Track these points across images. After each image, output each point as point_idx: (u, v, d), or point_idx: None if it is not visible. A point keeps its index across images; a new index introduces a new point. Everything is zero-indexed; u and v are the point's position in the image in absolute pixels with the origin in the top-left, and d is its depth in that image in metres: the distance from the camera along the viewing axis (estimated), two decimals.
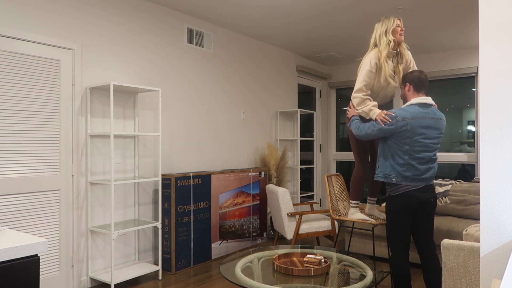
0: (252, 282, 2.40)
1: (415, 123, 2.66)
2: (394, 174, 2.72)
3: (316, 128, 6.80)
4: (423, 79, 2.76)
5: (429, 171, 2.72)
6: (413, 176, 2.69)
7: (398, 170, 2.71)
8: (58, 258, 3.21)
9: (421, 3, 3.94)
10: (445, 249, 1.96)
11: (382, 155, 2.80)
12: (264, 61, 5.48)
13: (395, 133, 2.69)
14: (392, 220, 2.78)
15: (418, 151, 2.68)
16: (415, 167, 2.68)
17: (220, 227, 4.33)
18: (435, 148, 2.73)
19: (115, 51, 3.65)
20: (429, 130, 2.69)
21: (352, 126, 2.92)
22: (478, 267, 1.88)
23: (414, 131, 2.66)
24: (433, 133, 2.70)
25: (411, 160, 2.68)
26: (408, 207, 2.72)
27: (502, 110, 1.41)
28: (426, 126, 2.67)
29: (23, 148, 3.00)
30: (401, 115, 2.68)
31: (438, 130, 2.72)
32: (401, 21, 2.92)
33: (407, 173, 2.69)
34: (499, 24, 1.43)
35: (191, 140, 4.39)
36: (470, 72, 5.69)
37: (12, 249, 1.39)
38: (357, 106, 2.89)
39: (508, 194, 1.40)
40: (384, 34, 2.89)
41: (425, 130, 2.67)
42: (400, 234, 2.76)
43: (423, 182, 2.70)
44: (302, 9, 4.13)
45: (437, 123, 2.71)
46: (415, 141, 2.67)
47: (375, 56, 2.86)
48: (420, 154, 2.68)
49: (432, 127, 2.69)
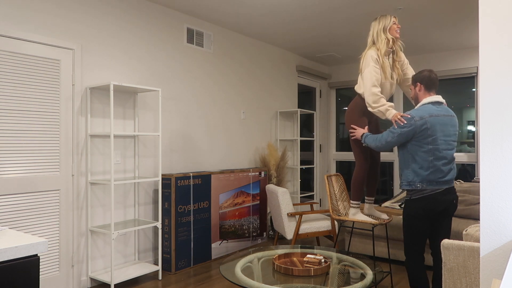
0: (252, 282, 2.40)
1: (433, 121, 2.61)
2: (418, 180, 2.63)
3: (316, 128, 6.80)
4: (433, 78, 2.73)
5: (450, 172, 2.66)
6: (437, 179, 2.62)
7: (422, 175, 2.62)
8: (58, 258, 3.21)
9: (421, 3, 3.94)
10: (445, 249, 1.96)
11: (403, 163, 2.73)
12: (264, 61, 5.48)
13: (415, 134, 2.62)
14: (410, 223, 2.70)
15: (441, 150, 2.62)
16: (440, 170, 2.62)
17: (220, 227, 4.33)
18: (454, 146, 2.70)
19: (115, 51, 3.65)
20: (446, 128, 2.65)
21: (369, 141, 2.87)
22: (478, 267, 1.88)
23: (434, 129, 2.61)
24: (449, 130, 2.66)
25: (436, 161, 2.61)
26: (431, 211, 2.64)
27: (502, 110, 1.41)
28: (443, 123, 2.64)
29: (23, 148, 3.00)
30: (418, 114, 2.63)
31: (454, 127, 2.69)
32: (396, 18, 2.97)
33: (432, 177, 2.61)
34: (499, 24, 1.42)
35: (191, 140, 4.39)
36: (470, 72, 5.69)
37: (12, 249, 1.39)
38: (373, 104, 2.85)
39: (508, 194, 1.40)
40: (382, 31, 2.94)
41: (444, 128, 2.63)
42: (416, 238, 2.70)
43: (446, 185, 2.64)
44: (302, 8, 4.13)
45: (451, 120, 2.69)
46: (436, 139, 2.61)
47: (375, 53, 2.90)
48: (443, 152, 2.63)
49: (448, 124, 2.66)
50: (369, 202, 3.31)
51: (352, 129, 3.06)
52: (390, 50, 2.97)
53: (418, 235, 2.69)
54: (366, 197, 3.33)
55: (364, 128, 3.03)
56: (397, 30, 2.95)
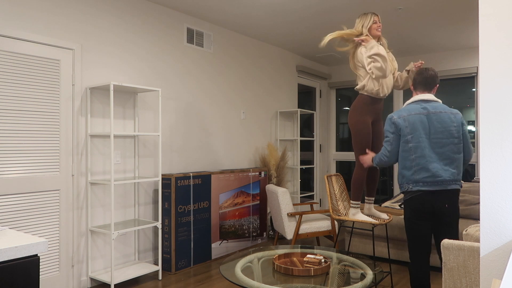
0: (252, 282, 2.40)
1: (412, 119, 2.62)
2: (404, 181, 2.65)
3: (316, 128, 6.80)
4: (424, 76, 2.71)
5: (444, 173, 2.56)
6: (424, 178, 2.57)
7: (406, 176, 2.64)
8: (58, 258, 3.21)
9: (421, 3, 3.94)
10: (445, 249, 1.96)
11: (398, 168, 2.77)
12: (264, 61, 5.48)
13: (400, 132, 2.66)
14: (407, 225, 2.74)
15: (427, 148, 2.58)
16: (426, 169, 2.57)
17: (220, 227, 4.33)
18: (450, 143, 2.59)
19: (115, 51, 3.65)
20: (432, 124, 2.59)
21: (378, 160, 2.86)
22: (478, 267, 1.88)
23: (414, 127, 2.60)
24: (437, 127, 2.59)
25: (420, 159, 2.58)
26: (421, 212, 2.62)
27: (502, 110, 1.41)
28: (428, 120, 2.60)
29: (23, 148, 3.00)
30: (397, 113, 2.69)
31: (443, 123, 2.59)
32: (378, 17, 3.12)
33: (416, 177, 2.59)
34: (499, 24, 1.42)
35: (191, 140, 4.39)
36: (470, 72, 5.69)
37: (12, 249, 1.39)
38: (377, 69, 2.94)
39: (508, 194, 1.40)
40: (361, 28, 3.11)
41: (429, 125, 2.59)
42: (415, 240, 2.70)
43: (437, 186, 2.57)
44: (302, 8, 4.13)
45: (440, 116, 2.61)
46: (417, 137, 2.59)
47: (364, 49, 3.05)
48: (432, 151, 2.58)
49: (435, 121, 2.60)
50: (369, 202, 3.31)
51: (361, 161, 3.09)
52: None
53: (415, 237, 2.70)
54: (366, 197, 3.33)
55: (367, 153, 3.07)
56: (378, 29, 3.08)
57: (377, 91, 3.06)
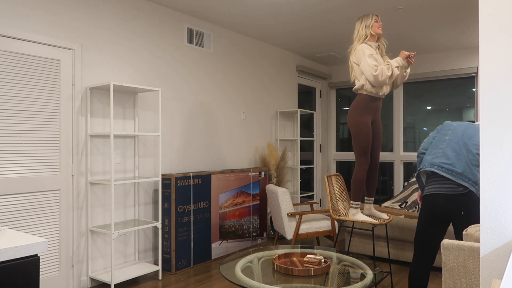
0: (252, 282, 2.40)
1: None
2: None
3: (316, 128, 6.80)
4: None
5: (470, 171, 2.57)
6: (441, 163, 2.62)
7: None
8: (58, 258, 3.21)
9: (421, 3, 3.94)
10: (445, 249, 1.96)
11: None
12: (264, 61, 5.48)
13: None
14: (417, 224, 2.79)
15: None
16: (446, 155, 2.64)
17: (220, 227, 4.33)
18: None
19: (115, 51, 3.65)
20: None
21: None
22: (478, 267, 1.88)
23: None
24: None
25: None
26: (430, 211, 2.69)
27: (502, 110, 1.41)
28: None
29: (23, 148, 3.00)
30: None
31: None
32: (378, 17, 3.18)
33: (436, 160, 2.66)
34: (499, 24, 1.42)
35: (191, 140, 4.39)
36: (470, 72, 5.69)
37: (12, 249, 1.39)
38: (383, 77, 2.95)
39: (508, 194, 1.40)
40: (364, 29, 3.14)
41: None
42: (419, 241, 2.75)
43: (450, 185, 2.61)
44: (302, 8, 4.13)
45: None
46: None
47: (365, 46, 3.06)
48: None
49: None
50: (369, 202, 3.31)
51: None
52: (375, 44, 3.15)
53: (420, 239, 2.80)
54: (366, 197, 3.33)
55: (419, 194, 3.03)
56: (380, 27, 3.14)
57: (376, 90, 3.06)
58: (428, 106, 6.16)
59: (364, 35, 3.13)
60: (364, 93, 3.09)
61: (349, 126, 3.16)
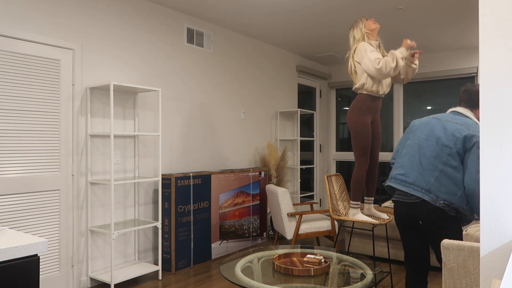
0: (252, 282, 2.40)
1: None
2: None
3: (316, 128, 6.80)
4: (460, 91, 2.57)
5: (422, 179, 2.36)
6: (396, 175, 2.48)
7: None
8: (58, 258, 3.21)
9: (421, 3, 3.94)
10: (445, 249, 1.96)
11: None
12: (264, 61, 5.48)
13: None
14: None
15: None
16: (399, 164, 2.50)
17: (220, 227, 4.33)
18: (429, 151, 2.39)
19: (115, 51, 3.65)
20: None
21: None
22: (478, 267, 1.88)
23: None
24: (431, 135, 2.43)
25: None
26: (397, 219, 2.55)
27: (502, 110, 1.41)
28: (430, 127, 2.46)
29: (23, 148, 3.00)
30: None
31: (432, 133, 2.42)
32: (367, 19, 3.20)
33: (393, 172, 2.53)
34: (499, 24, 1.42)
35: (191, 140, 4.39)
36: (470, 72, 5.69)
37: (12, 249, 1.39)
38: (387, 69, 2.89)
39: (508, 194, 1.40)
40: (358, 31, 3.14)
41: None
42: (403, 245, 2.66)
43: (405, 191, 2.43)
44: (302, 8, 4.13)
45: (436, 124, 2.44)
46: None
47: (366, 44, 3.04)
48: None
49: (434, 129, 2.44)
50: (369, 202, 3.31)
51: None
52: (376, 42, 3.14)
53: (403, 243, 2.68)
54: (366, 197, 3.33)
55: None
56: (374, 22, 3.14)
57: (376, 89, 3.05)
58: (428, 106, 6.16)
59: (361, 36, 3.12)
60: (364, 92, 3.08)
61: (348, 126, 3.15)
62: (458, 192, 2.27)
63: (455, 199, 2.27)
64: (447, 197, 2.27)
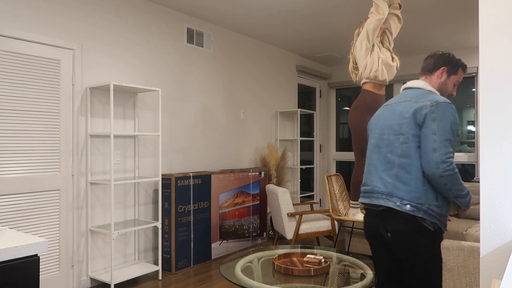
0: (252, 282, 2.40)
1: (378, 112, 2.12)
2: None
3: (316, 128, 6.80)
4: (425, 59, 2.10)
5: (380, 182, 1.93)
6: (362, 188, 2.08)
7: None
8: (58, 258, 3.21)
9: (421, 3, 3.94)
10: (445, 249, 1.96)
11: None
12: (264, 61, 5.48)
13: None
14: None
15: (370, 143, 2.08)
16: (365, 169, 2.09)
17: (220, 227, 4.33)
18: (393, 142, 1.93)
19: (115, 51, 3.65)
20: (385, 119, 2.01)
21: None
22: (478, 267, 1.88)
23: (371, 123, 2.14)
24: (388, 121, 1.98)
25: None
26: (365, 232, 2.08)
27: (502, 110, 1.41)
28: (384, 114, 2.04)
29: (23, 148, 3.00)
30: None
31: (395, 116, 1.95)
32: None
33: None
34: (499, 24, 1.42)
35: (191, 140, 4.39)
36: (470, 72, 5.69)
37: (12, 249, 1.39)
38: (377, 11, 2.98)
39: (508, 194, 1.40)
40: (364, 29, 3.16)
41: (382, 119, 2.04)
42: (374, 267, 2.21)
43: (371, 199, 1.97)
44: (302, 8, 4.13)
45: (394, 108, 1.98)
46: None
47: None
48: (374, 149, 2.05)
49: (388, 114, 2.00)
50: None
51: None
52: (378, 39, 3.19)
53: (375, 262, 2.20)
54: None
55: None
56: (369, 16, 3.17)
57: (382, 76, 3.06)
58: None
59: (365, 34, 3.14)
60: (367, 84, 3.09)
61: (349, 125, 3.15)
62: (422, 186, 1.82)
63: (422, 195, 1.80)
64: (411, 196, 1.81)
